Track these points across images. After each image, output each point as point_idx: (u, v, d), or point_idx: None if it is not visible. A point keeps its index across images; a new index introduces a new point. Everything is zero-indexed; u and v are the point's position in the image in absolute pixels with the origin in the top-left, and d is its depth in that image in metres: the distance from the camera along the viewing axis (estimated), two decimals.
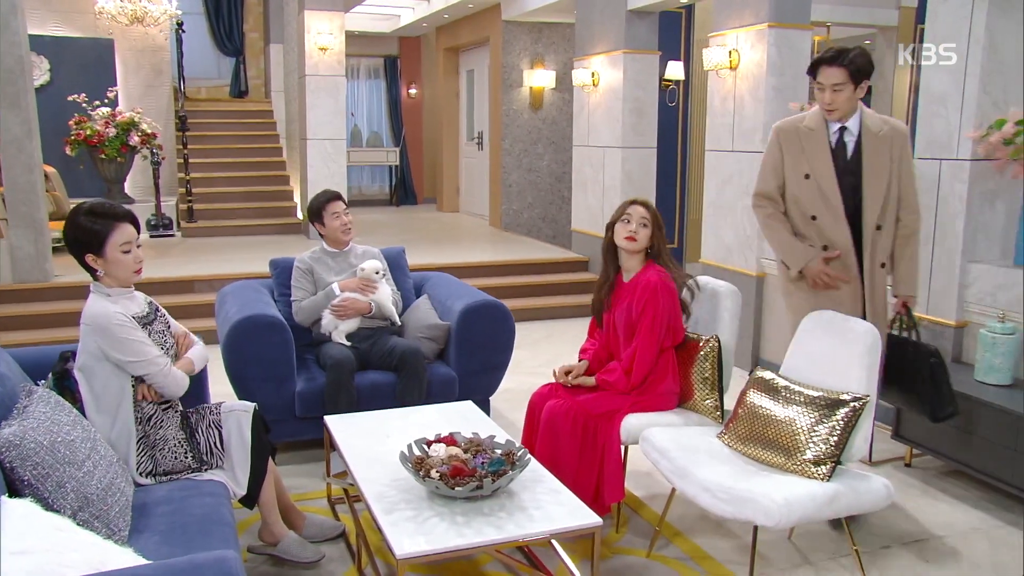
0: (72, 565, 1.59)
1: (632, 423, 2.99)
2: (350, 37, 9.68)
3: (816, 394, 2.68)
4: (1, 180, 5.86)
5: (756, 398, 2.82)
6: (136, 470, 2.51)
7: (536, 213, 9.77)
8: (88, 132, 8.08)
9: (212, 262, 7.00)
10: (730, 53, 5.19)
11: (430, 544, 2.15)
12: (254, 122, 10.81)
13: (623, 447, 3.03)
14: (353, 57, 12.20)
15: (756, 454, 2.74)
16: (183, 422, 2.65)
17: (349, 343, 3.76)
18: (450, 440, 2.58)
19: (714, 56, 5.29)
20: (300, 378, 3.65)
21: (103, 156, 8.18)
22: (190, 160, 9.06)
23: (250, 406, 2.73)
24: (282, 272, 4.06)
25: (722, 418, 3.07)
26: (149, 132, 8.34)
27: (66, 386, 2.56)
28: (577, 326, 5.53)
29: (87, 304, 2.53)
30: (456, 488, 2.31)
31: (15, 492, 2.00)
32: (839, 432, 2.58)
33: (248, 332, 3.49)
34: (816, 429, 2.61)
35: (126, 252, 2.51)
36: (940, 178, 3.84)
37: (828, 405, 2.63)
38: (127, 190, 8.66)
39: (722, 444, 2.86)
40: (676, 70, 7.96)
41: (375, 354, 3.76)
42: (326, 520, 3.08)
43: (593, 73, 7.17)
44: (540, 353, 5.60)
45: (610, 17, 6.92)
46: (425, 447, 2.55)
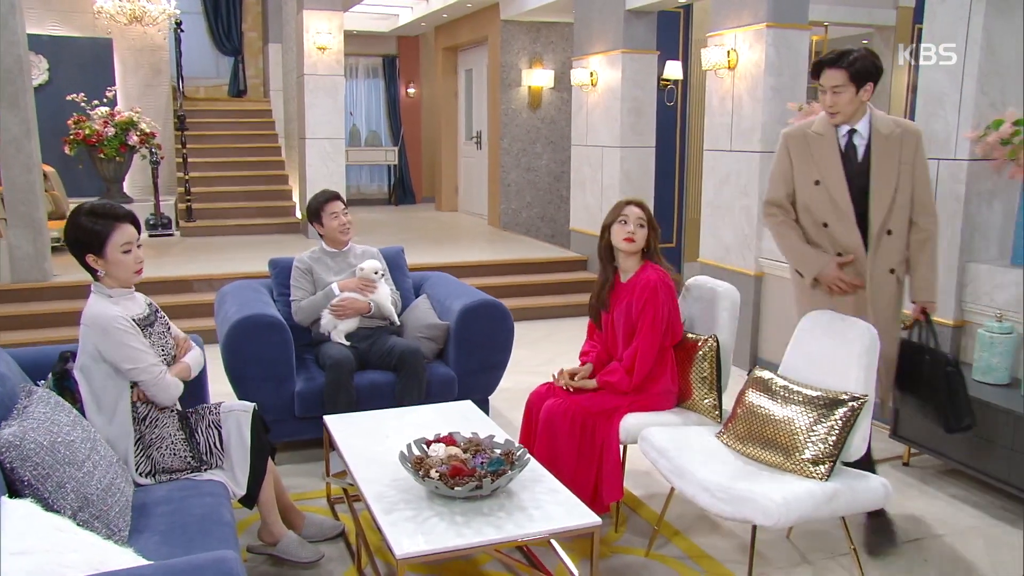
0: (72, 565, 1.59)
1: (631, 422, 3.00)
2: (349, 36, 9.67)
3: (815, 394, 2.69)
4: (0, 180, 5.86)
5: (755, 398, 2.82)
6: (135, 471, 2.52)
7: (535, 212, 9.78)
8: (87, 131, 8.07)
9: (211, 262, 7.00)
10: (728, 53, 5.19)
11: (429, 544, 2.16)
12: (253, 121, 10.81)
13: (622, 446, 3.03)
14: (352, 56, 12.20)
15: (755, 453, 2.74)
16: (183, 422, 2.66)
17: (348, 343, 3.77)
18: (449, 440, 2.59)
19: (712, 56, 5.30)
20: (299, 378, 3.65)
21: (102, 155, 8.17)
22: (189, 159, 9.05)
23: (249, 406, 2.73)
24: (281, 272, 4.07)
25: (721, 418, 3.08)
26: (148, 131, 8.33)
27: (66, 386, 2.56)
28: (576, 325, 5.54)
29: (88, 304, 2.54)
30: (455, 488, 2.31)
31: (15, 493, 2.00)
32: (837, 432, 2.59)
33: (248, 332, 3.49)
34: (815, 428, 2.62)
35: (127, 252, 2.51)
36: (938, 178, 3.84)
37: (826, 405, 2.64)
38: (126, 189, 8.65)
39: (721, 443, 2.86)
40: (674, 70, 7.96)
41: (374, 354, 3.77)
42: (325, 520, 3.08)
43: (591, 73, 7.17)
44: (539, 352, 5.61)
45: (608, 17, 6.92)
46: (424, 447, 2.56)
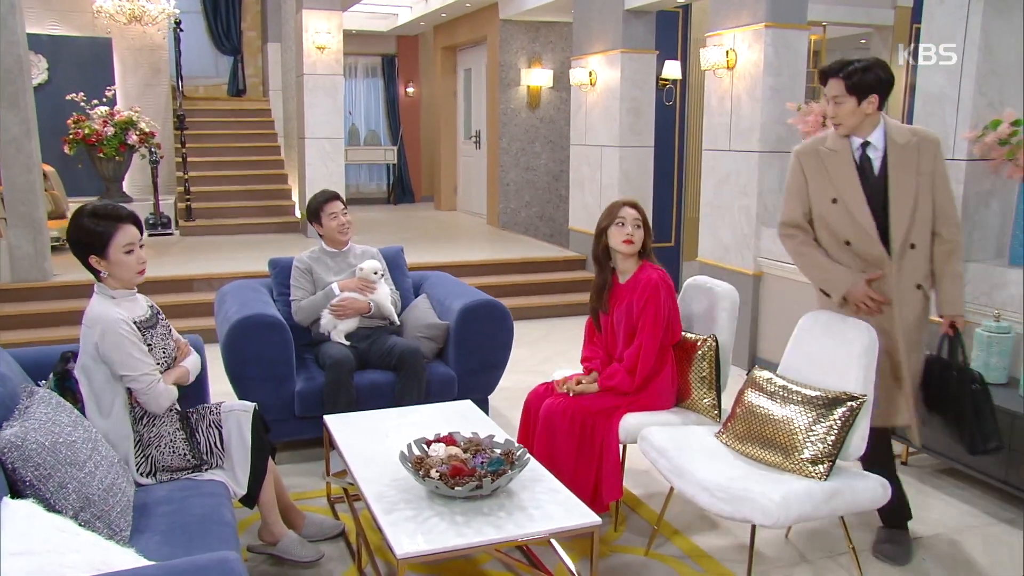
0: (74, 566, 1.60)
1: (630, 422, 3.01)
2: (348, 36, 9.68)
3: (814, 393, 2.69)
4: (0, 179, 5.86)
5: (754, 397, 2.83)
6: (136, 471, 2.52)
7: (534, 212, 9.78)
8: (86, 131, 8.07)
9: (211, 261, 7.00)
10: (727, 53, 5.20)
11: (430, 544, 2.16)
12: (252, 121, 10.81)
13: (621, 446, 3.04)
14: (351, 56, 12.20)
15: (754, 453, 2.75)
16: (183, 422, 2.66)
17: (348, 343, 3.77)
18: (449, 440, 2.59)
19: (711, 56, 5.30)
20: (299, 378, 3.66)
21: (101, 155, 8.17)
22: (188, 159, 9.05)
23: (250, 406, 2.73)
24: (281, 271, 4.07)
25: (720, 417, 3.09)
26: (147, 131, 8.33)
27: (67, 386, 2.56)
28: (575, 324, 5.54)
29: (90, 305, 2.54)
30: (456, 488, 2.32)
31: (17, 493, 2.00)
32: (836, 431, 2.60)
33: (248, 332, 3.49)
34: (814, 428, 2.63)
35: (129, 253, 2.51)
36: None
37: (826, 404, 2.65)
38: (125, 189, 8.65)
39: (720, 443, 2.87)
40: (673, 69, 7.96)
41: (374, 353, 3.77)
42: (326, 519, 3.08)
43: (590, 72, 7.17)
44: (539, 352, 5.62)
45: (607, 16, 6.93)
46: (424, 447, 2.56)
